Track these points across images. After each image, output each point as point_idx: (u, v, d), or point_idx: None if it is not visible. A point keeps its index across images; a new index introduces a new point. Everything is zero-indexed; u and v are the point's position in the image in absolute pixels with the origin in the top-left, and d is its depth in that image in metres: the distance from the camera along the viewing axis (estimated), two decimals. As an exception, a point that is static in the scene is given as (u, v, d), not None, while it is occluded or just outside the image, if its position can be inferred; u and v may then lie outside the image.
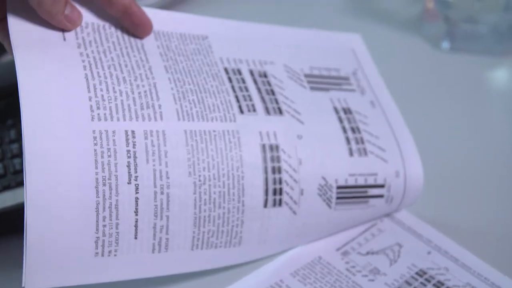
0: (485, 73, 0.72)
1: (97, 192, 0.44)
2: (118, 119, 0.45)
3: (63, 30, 0.47)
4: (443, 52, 0.73)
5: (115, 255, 0.45)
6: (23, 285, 0.43)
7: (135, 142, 0.45)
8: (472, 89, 0.70)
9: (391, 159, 0.54)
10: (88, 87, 0.46)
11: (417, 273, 0.50)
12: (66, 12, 0.47)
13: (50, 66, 0.45)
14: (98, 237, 0.44)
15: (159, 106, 0.47)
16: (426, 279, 0.50)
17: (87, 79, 0.46)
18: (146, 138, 0.46)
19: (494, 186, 0.59)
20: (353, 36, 0.61)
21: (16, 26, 0.46)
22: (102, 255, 0.45)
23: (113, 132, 0.45)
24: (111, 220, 0.45)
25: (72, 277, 0.44)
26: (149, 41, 0.50)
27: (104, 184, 0.44)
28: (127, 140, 0.45)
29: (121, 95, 0.47)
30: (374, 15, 0.77)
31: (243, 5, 0.74)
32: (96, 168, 0.44)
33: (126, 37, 0.50)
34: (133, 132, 0.45)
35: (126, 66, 0.48)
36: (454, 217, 0.55)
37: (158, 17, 0.51)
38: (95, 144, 0.44)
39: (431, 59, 0.73)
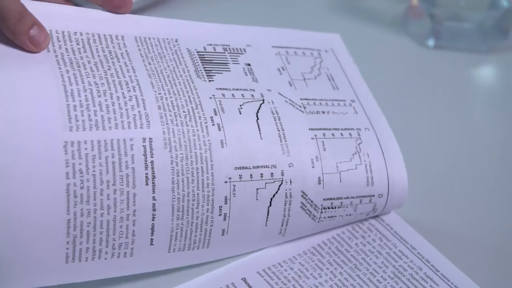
0: (470, 71, 0.72)
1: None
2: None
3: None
4: (428, 49, 0.73)
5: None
6: None
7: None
8: (457, 87, 0.69)
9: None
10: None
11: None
12: (31, 33, 0.46)
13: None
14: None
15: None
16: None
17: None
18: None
19: (479, 186, 0.59)
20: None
21: None
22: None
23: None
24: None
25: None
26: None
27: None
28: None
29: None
30: (359, 13, 0.77)
31: (224, 4, 0.74)
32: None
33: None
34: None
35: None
36: (435, 219, 0.55)
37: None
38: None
39: (416, 57, 0.73)
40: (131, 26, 0.51)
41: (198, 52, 0.52)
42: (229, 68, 0.53)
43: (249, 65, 0.53)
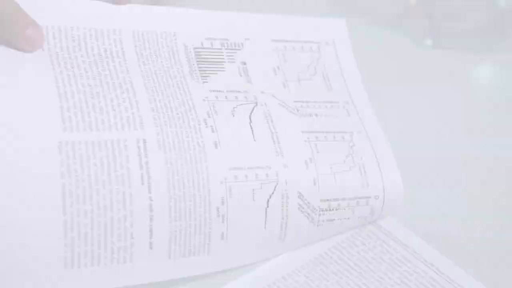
0: (468, 70, 0.72)
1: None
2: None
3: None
4: (426, 49, 0.73)
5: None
6: None
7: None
8: (455, 86, 0.69)
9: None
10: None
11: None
12: (26, 33, 0.46)
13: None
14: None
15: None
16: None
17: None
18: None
19: (477, 186, 0.59)
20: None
21: None
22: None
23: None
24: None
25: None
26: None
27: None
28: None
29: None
30: (356, 11, 0.77)
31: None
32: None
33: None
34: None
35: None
36: (433, 222, 0.55)
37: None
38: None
39: (414, 56, 0.72)
40: (129, 18, 0.51)
41: (194, 48, 0.52)
42: (224, 68, 0.53)
43: (244, 64, 0.53)
